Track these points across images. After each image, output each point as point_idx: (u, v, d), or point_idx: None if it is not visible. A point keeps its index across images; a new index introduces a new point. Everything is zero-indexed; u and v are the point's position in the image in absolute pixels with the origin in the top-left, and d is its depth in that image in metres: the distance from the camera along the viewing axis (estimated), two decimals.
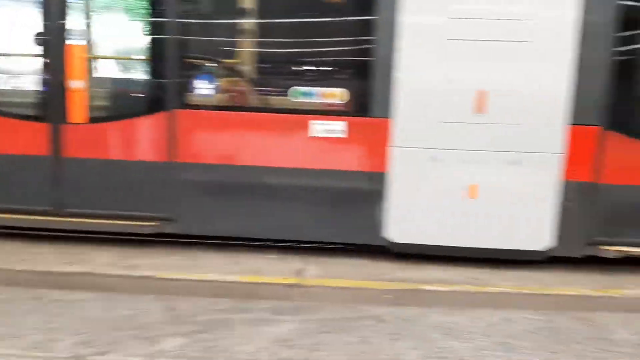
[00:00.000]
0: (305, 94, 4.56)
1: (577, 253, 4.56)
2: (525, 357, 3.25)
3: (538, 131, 4.37)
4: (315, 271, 4.31)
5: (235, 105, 4.69)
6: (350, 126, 4.47)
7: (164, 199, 4.62)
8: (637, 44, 4.45)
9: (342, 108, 4.52)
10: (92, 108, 4.70)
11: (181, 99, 4.53)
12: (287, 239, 4.70)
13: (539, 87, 4.31)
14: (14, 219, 4.72)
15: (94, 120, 4.67)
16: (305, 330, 3.53)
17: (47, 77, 4.63)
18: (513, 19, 4.26)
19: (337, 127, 4.49)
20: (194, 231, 4.67)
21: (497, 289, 4.19)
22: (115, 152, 4.67)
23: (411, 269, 4.47)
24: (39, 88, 4.73)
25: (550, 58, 4.29)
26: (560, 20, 4.25)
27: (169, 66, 4.51)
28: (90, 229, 4.71)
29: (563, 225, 4.46)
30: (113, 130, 4.68)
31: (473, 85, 4.33)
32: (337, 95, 4.53)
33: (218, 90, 4.68)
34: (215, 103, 4.62)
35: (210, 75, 4.68)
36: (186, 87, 4.58)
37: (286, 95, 4.55)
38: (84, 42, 4.67)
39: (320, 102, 4.53)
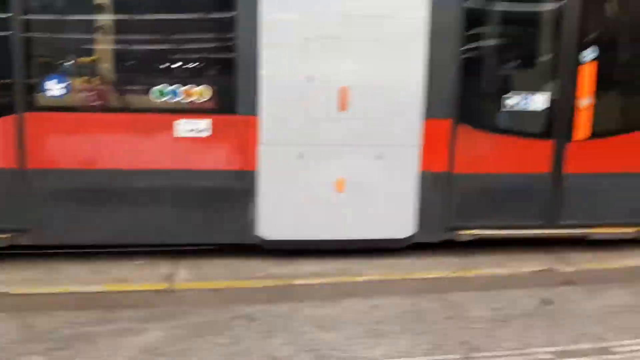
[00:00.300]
0: (168, 93, 4.37)
1: (437, 238, 4.81)
2: (393, 340, 3.39)
3: (397, 125, 4.56)
4: (185, 275, 4.20)
5: (91, 106, 4.38)
6: (216, 124, 4.38)
7: (16, 209, 4.23)
8: (481, 42, 4.79)
9: (206, 106, 4.40)
10: None
11: (30, 101, 4.16)
12: (155, 243, 4.52)
13: (395, 83, 4.49)
14: None
15: None
16: (175, 336, 3.42)
17: None
18: (368, 19, 4.39)
19: (202, 126, 4.37)
20: (51, 242, 4.33)
21: (366, 277, 4.34)
22: None
23: (284, 264, 4.50)
24: None
25: (405, 56, 4.48)
26: (412, 20, 4.45)
27: (15, 66, 4.11)
28: None
29: (423, 214, 4.70)
30: None
31: (335, 83, 4.40)
32: (200, 93, 4.40)
33: (71, 90, 4.29)
34: (67, 104, 4.30)
35: (62, 75, 4.31)
36: (35, 89, 4.20)
37: (148, 95, 4.34)
38: None
39: (184, 101, 4.39)
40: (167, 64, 4.53)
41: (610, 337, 3.37)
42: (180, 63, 4.53)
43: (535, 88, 4.81)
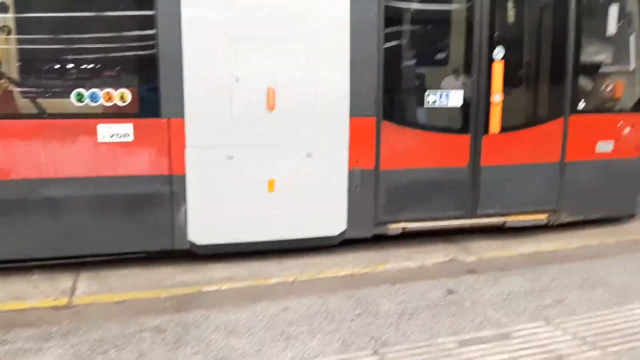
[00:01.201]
0: (88, 97, 4.18)
1: (368, 234, 4.98)
2: (304, 342, 3.39)
3: (325, 124, 4.63)
4: (87, 287, 4.01)
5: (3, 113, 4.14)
6: (139, 128, 4.23)
7: None
8: (401, 40, 4.99)
9: (128, 110, 4.24)
10: None
11: None
12: (80, 254, 4.35)
13: (322, 82, 4.55)
14: None
15: None
16: (76, 354, 3.24)
17: None
18: (292, 19, 4.45)
19: (125, 131, 4.21)
20: None
21: (277, 279, 4.34)
22: None
23: (193, 271, 4.41)
24: None
25: (330, 56, 4.55)
26: (334, 20, 4.53)
27: None
28: None
29: (353, 210, 4.81)
30: None
31: (263, 83, 4.41)
32: (122, 96, 4.24)
33: None
34: None
35: None
36: None
37: (68, 99, 4.13)
38: None
39: (106, 105, 4.21)
40: (85, 66, 4.36)
41: (509, 322, 3.54)
42: (99, 65, 4.36)
43: (452, 85, 5.08)
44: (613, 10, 5.28)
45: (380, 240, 5.15)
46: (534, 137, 5.28)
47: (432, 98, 4.96)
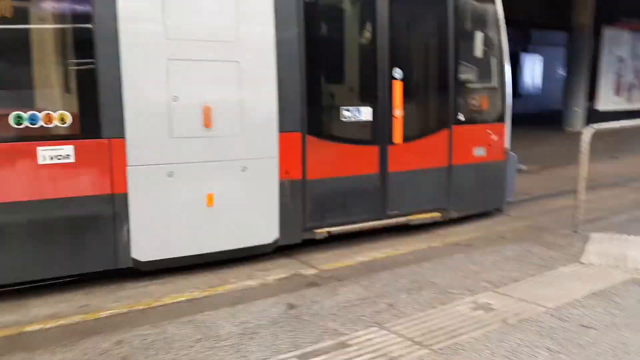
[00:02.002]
0: (27, 119, 4.12)
1: (298, 239, 5.37)
2: None
3: (256, 140, 4.98)
4: None
5: None
6: (80, 149, 4.28)
7: None
8: (322, 59, 5.44)
9: (69, 131, 4.26)
10: None
11: None
12: (18, 282, 4.23)
13: (252, 100, 4.91)
14: None
15: None
16: None
17: None
18: (224, 41, 4.74)
19: (65, 152, 4.23)
20: None
21: (109, 312, 4.07)
22: None
23: (11, 310, 3.99)
24: None
25: (259, 76, 4.92)
26: (261, 41, 4.91)
27: None
28: None
29: (284, 218, 5.18)
30: None
31: (199, 101, 4.65)
32: (61, 118, 4.25)
33: None
34: None
35: None
36: None
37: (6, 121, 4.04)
38: None
39: (46, 126, 4.18)
40: (21, 87, 4.29)
41: (346, 330, 3.64)
42: (36, 85, 4.33)
43: (363, 102, 5.69)
44: (479, 37, 6.31)
45: (219, 262, 5.08)
46: (428, 145, 6.11)
47: (347, 114, 5.54)
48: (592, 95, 18.92)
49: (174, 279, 4.81)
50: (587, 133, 5.90)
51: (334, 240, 5.75)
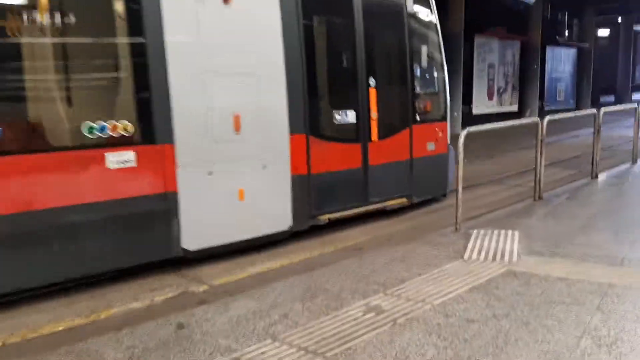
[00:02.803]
0: (97, 129, 4.69)
1: (306, 225, 6.24)
2: None
3: (273, 141, 5.84)
4: None
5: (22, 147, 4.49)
6: (140, 155, 4.90)
7: None
8: (317, 72, 6.35)
9: (131, 139, 4.87)
10: None
11: None
12: (89, 274, 4.78)
13: (270, 108, 5.78)
14: None
15: None
16: None
17: None
18: (247, 59, 5.59)
19: (128, 157, 4.83)
20: None
21: None
22: None
23: None
24: None
25: (274, 87, 5.79)
26: (275, 56, 5.79)
27: None
28: None
29: (295, 208, 6.03)
30: None
31: (230, 110, 5.45)
32: (125, 127, 4.83)
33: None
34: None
35: None
36: None
37: (79, 131, 4.63)
38: None
39: (112, 135, 4.77)
40: (96, 100, 4.98)
41: (239, 346, 3.56)
42: (106, 98, 5.00)
43: (349, 106, 6.69)
44: (425, 51, 7.59)
45: (104, 282, 4.81)
46: (396, 142, 7.21)
47: (338, 117, 6.60)
48: (467, 99, 20.14)
49: (52, 307, 4.47)
50: (462, 135, 6.25)
51: (227, 255, 5.65)
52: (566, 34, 30.72)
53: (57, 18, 4.54)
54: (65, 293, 4.68)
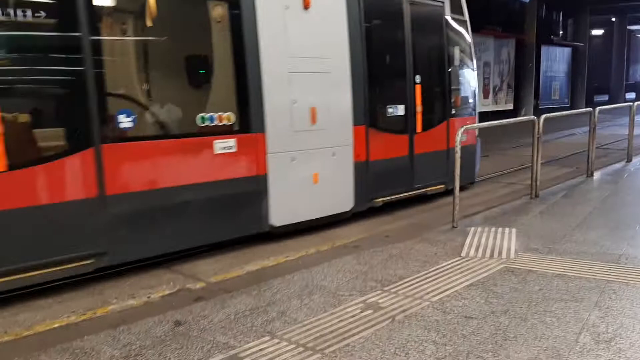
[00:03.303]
0: (208, 119, 5.46)
1: (365, 207, 6.98)
2: None
3: (340, 132, 6.62)
4: None
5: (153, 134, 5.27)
6: (239, 142, 5.64)
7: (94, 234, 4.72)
8: (375, 70, 6.99)
9: (232, 128, 5.63)
10: None
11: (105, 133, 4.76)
12: (195, 246, 5.49)
13: (337, 102, 6.56)
14: None
15: None
16: None
17: None
18: (322, 58, 6.33)
19: (231, 144, 5.57)
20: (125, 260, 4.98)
21: None
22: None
23: None
24: None
25: (341, 82, 6.58)
26: (342, 56, 6.57)
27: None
28: None
29: (356, 191, 6.80)
30: None
31: (308, 104, 6.20)
32: (228, 118, 5.60)
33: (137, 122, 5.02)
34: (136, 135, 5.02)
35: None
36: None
37: (193, 121, 5.39)
38: None
39: (217, 125, 5.52)
40: (207, 94, 5.71)
41: (237, 343, 3.53)
42: (214, 93, 5.73)
43: (399, 101, 7.42)
44: (457, 51, 8.43)
45: (100, 279, 4.78)
46: (436, 133, 7.95)
47: (390, 110, 7.33)
48: None
49: (47, 305, 4.43)
50: (459, 133, 6.24)
51: (223, 251, 5.62)
52: (561, 33, 30.81)
53: (186, 32, 5.73)
54: (59, 290, 4.64)
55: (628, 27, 38.58)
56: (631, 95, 38.25)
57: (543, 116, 7.77)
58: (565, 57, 30.68)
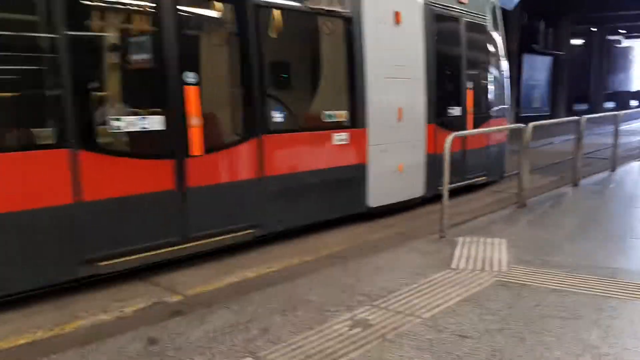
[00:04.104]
0: (330, 116, 6.69)
1: (432, 194, 7.90)
2: None
3: (418, 128, 7.87)
4: None
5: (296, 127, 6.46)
6: (350, 135, 6.81)
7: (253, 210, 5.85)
8: (443, 77, 8.49)
9: (346, 124, 6.83)
10: None
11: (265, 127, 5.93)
12: (312, 222, 6.57)
13: (416, 103, 7.80)
14: None
15: None
16: None
17: None
18: (406, 66, 7.60)
19: (344, 137, 6.75)
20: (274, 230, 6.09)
21: None
22: None
23: None
24: None
25: (419, 86, 7.83)
26: (418, 65, 7.84)
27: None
28: None
29: (426, 179, 8.00)
30: None
31: (395, 104, 7.44)
32: (343, 115, 6.83)
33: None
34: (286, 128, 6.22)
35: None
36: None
37: (320, 117, 6.65)
38: None
39: (336, 121, 6.76)
40: (331, 95, 7.03)
41: None
42: (335, 95, 6.99)
43: (456, 103, 8.84)
44: (495, 60, 10.01)
45: (71, 290, 4.47)
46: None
47: (450, 111, 8.61)
48: None
49: (12, 319, 4.12)
50: (448, 140, 6.06)
51: (202, 261, 5.35)
52: (542, 42, 30.99)
53: (318, 46, 7.11)
54: (26, 303, 4.33)
55: (607, 37, 39.07)
56: (610, 104, 38.69)
57: (531, 124, 7.64)
58: (546, 65, 30.87)
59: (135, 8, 4.97)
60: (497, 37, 10.00)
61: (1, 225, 4.07)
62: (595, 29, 36.78)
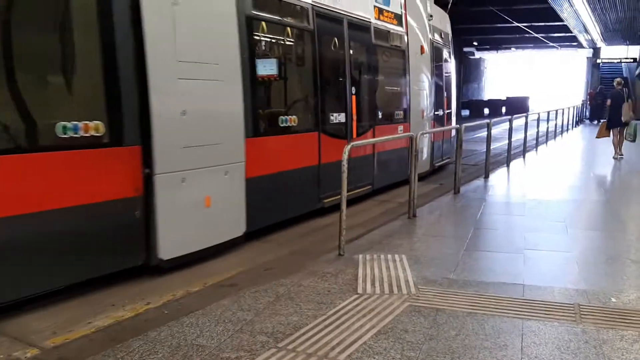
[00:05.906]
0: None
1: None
2: None
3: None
4: None
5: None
6: (404, 129, 10.35)
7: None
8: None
9: (401, 121, 10.48)
10: None
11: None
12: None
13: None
14: None
15: None
16: None
17: None
18: (423, 83, 11.63)
19: (400, 129, 10.27)
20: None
21: None
22: None
23: None
24: None
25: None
26: (429, 85, 12.10)
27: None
28: None
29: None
30: None
31: (420, 107, 11.51)
32: (400, 115, 10.52)
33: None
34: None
35: None
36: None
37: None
38: None
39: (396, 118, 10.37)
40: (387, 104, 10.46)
41: None
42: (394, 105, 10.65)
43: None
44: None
45: None
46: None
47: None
48: None
49: None
50: (346, 149, 5.63)
51: (61, 299, 4.39)
52: None
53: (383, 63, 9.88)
54: None
55: (464, 48, 41.78)
56: (465, 112, 41.35)
57: (420, 132, 7.53)
58: None
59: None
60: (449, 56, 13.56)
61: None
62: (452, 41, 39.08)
